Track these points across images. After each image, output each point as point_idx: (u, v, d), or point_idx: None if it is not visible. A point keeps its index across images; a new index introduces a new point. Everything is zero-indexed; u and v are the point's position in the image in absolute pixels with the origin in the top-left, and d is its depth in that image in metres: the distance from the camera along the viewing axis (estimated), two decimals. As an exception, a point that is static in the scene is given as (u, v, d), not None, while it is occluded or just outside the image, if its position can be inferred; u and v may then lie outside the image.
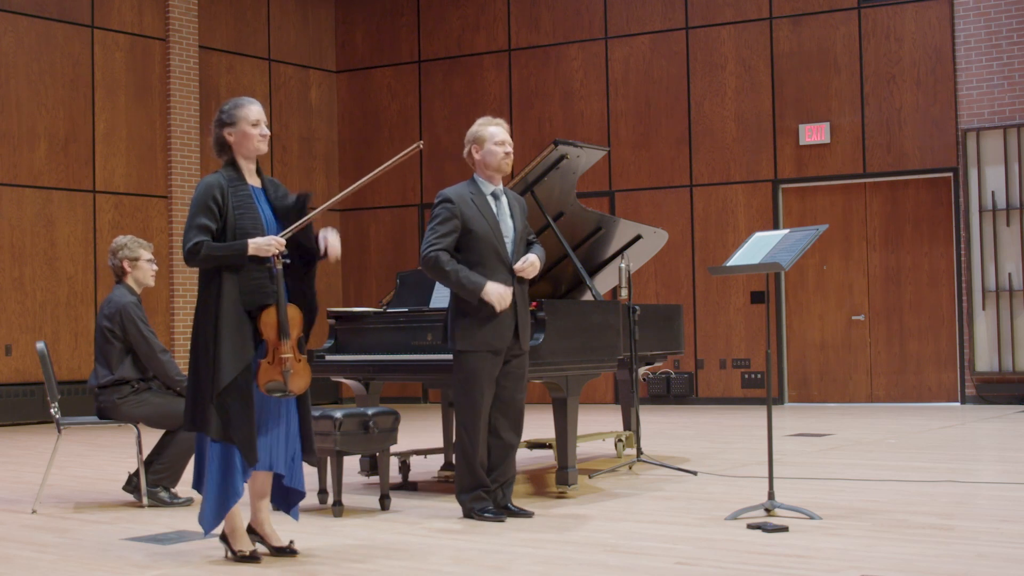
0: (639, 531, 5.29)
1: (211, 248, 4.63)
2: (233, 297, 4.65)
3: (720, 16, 14.01)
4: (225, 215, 4.68)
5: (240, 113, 4.80)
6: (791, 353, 13.66)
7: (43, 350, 6.52)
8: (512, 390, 5.72)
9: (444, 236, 5.58)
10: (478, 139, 5.77)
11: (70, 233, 13.18)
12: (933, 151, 13.02)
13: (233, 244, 4.65)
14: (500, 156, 5.76)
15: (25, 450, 9.88)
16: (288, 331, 4.69)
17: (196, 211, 4.68)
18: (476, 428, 5.61)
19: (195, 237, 4.63)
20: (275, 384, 4.66)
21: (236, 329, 4.63)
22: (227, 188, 4.73)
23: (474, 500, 5.64)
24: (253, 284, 4.69)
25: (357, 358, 6.75)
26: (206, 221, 4.66)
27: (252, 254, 4.65)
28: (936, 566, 4.37)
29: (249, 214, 4.72)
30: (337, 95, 16.21)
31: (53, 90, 13.13)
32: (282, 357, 4.67)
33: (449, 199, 5.67)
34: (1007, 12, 12.72)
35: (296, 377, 4.72)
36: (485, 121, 5.82)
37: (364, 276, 15.90)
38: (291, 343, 4.70)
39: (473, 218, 5.63)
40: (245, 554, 4.73)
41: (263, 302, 4.69)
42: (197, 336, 4.70)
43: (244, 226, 4.69)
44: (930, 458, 7.94)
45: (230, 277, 4.66)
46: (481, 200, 5.71)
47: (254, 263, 4.68)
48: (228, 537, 4.79)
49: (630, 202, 14.31)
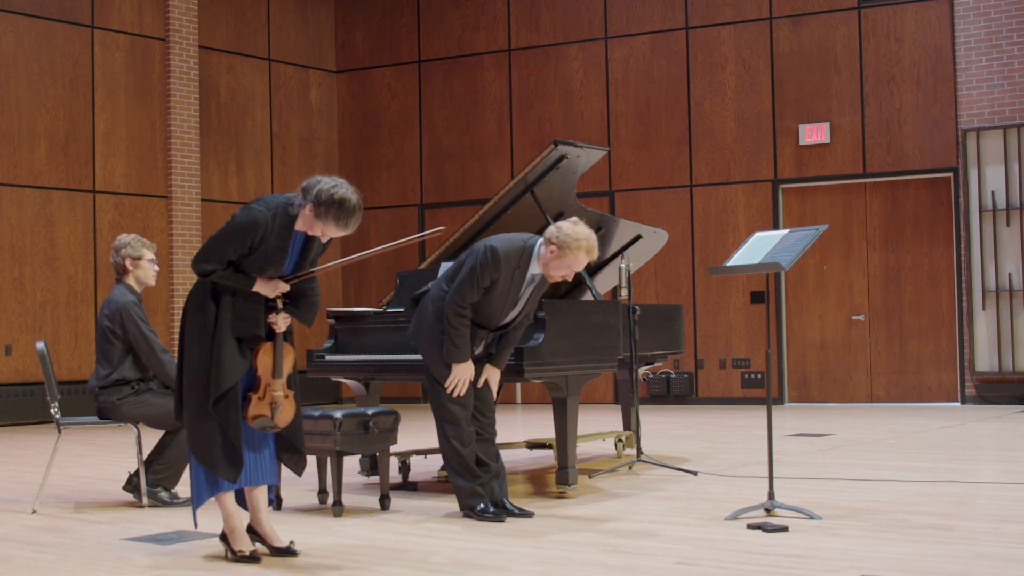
0: (639, 531, 5.29)
1: (222, 276, 4.67)
2: (227, 318, 4.70)
3: (720, 16, 14.01)
4: (253, 249, 4.67)
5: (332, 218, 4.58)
6: (791, 353, 13.66)
7: (43, 350, 6.52)
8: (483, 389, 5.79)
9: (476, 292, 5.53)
10: (565, 251, 5.44)
11: (70, 233, 13.18)
12: (933, 151, 13.02)
13: (242, 278, 4.69)
14: (561, 275, 5.56)
15: (25, 450, 9.88)
16: (282, 371, 4.80)
17: (229, 239, 4.63)
18: (463, 430, 5.63)
19: (213, 264, 4.65)
20: (263, 420, 4.77)
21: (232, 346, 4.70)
22: (271, 234, 4.64)
23: (471, 496, 5.64)
24: (246, 313, 4.74)
25: (357, 358, 6.75)
26: (231, 254, 4.65)
27: (256, 291, 4.72)
28: (936, 566, 4.37)
29: (275, 257, 4.69)
30: (337, 95, 16.21)
31: (53, 90, 13.13)
32: (273, 395, 4.77)
33: (499, 265, 5.53)
34: (1007, 12, 12.72)
35: (282, 413, 4.82)
36: (587, 243, 5.45)
37: (364, 276, 15.89)
38: (282, 381, 4.80)
39: (501, 288, 5.59)
40: (245, 554, 4.74)
41: (250, 333, 4.74)
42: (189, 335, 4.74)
43: (264, 266, 4.70)
44: (930, 458, 7.94)
45: (227, 300, 4.70)
46: (519, 277, 5.62)
47: (254, 296, 4.74)
48: (228, 537, 4.80)
49: (630, 202, 14.31)
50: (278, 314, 4.79)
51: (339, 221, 4.60)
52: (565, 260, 5.47)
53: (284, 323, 4.82)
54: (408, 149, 15.66)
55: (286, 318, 4.82)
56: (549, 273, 5.58)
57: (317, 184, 4.62)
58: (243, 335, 4.73)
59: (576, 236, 5.44)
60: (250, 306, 4.74)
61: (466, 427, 5.64)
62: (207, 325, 4.69)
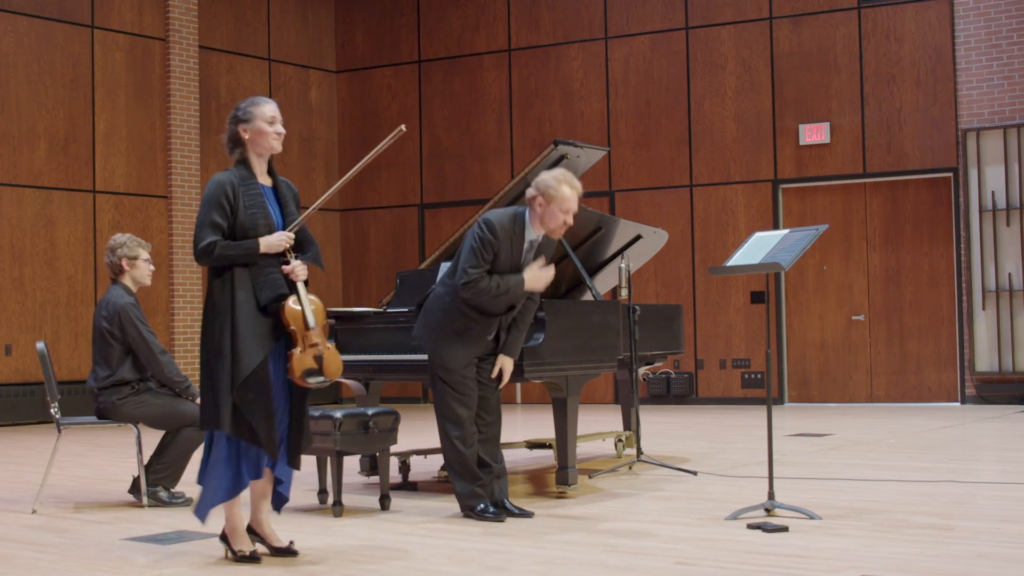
0: (639, 531, 5.29)
1: (224, 247, 4.65)
2: (247, 293, 4.67)
3: (720, 16, 14.01)
4: (236, 212, 4.69)
5: (257, 111, 4.81)
6: (791, 353, 13.66)
7: (43, 350, 6.52)
8: (488, 388, 5.77)
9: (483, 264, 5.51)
10: (548, 195, 5.51)
11: (70, 233, 13.18)
12: (933, 151, 13.02)
13: (245, 243, 4.67)
14: (559, 223, 5.56)
15: (25, 450, 9.88)
16: (314, 319, 4.70)
17: (208, 209, 4.69)
18: (466, 431, 5.62)
19: (208, 236, 4.65)
20: (311, 371, 4.66)
21: (253, 323, 4.65)
22: (239, 186, 4.73)
23: (471, 497, 5.64)
24: (267, 279, 4.70)
25: (357, 358, 6.75)
26: (218, 219, 4.67)
27: (264, 252, 4.69)
28: (936, 566, 4.37)
29: (261, 212, 4.74)
30: (337, 95, 16.21)
31: (53, 90, 13.13)
32: (314, 343, 4.67)
33: (496, 233, 5.54)
34: (1007, 12, 12.72)
35: (329, 363, 4.72)
36: (564, 178, 5.55)
37: (364, 276, 15.90)
38: (319, 331, 4.71)
39: (503, 260, 5.58)
40: (245, 554, 4.73)
41: (277, 294, 4.70)
42: (211, 333, 4.69)
43: (255, 224, 4.71)
44: (930, 458, 7.94)
45: (242, 274, 4.68)
46: (518, 244, 5.62)
47: (266, 258, 4.71)
48: (228, 537, 4.79)
49: (630, 202, 14.31)
50: (293, 265, 4.74)
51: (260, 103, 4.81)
52: (554, 204, 5.50)
53: (302, 271, 4.77)
54: (408, 149, 15.66)
55: (302, 266, 4.79)
56: (549, 228, 5.58)
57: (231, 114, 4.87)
58: (270, 299, 4.68)
59: (553, 177, 5.53)
60: (266, 270, 4.71)
61: (469, 428, 5.64)
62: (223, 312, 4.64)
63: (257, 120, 4.80)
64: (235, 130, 4.83)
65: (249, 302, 4.66)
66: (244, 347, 4.60)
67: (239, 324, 4.62)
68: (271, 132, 4.82)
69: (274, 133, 4.82)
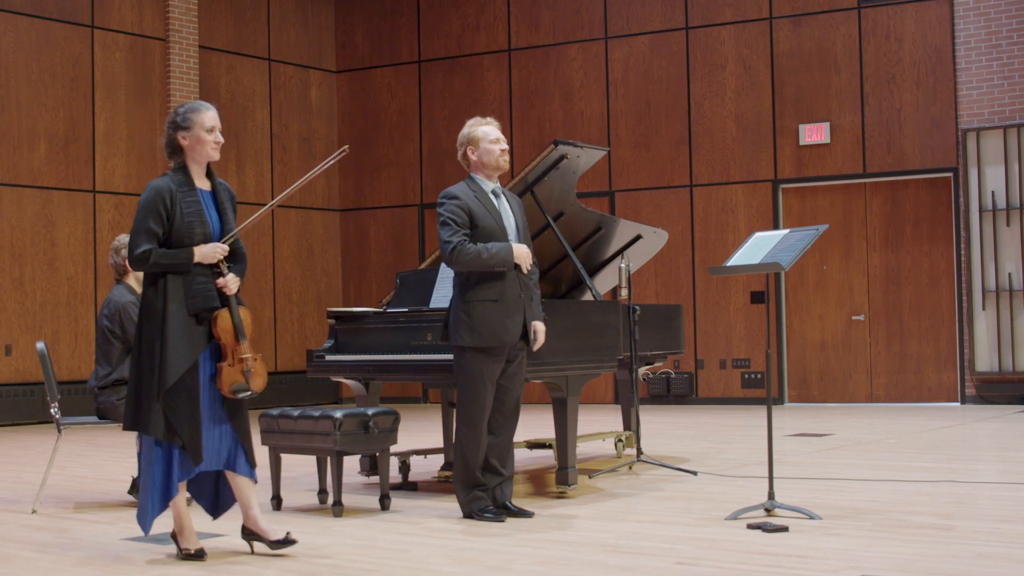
0: (639, 531, 5.29)
1: (159, 256, 4.70)
2: (179, 299, 4.72)
3: (720, 16, 14.01)
4: (172, 219, 4.74)
5: (196, 118, 4.83)
6: (791, 353, 13.66)
7: (43, 350, 6.52)
8: (511, 390, 5.74)
9: (459, 228, 5.60)
10: (472, 140, 5.83)
11: (70, 233, 13.18)
12: (933, 151, 13.02)
13: (179, 252, 4.72)
14: (497, 154, 5.80)
15: (25, 450, 9.88)
16: (244, 332, 4.79)
17: (144, 216, 4.73)
18: (478, 428, 5.62)
19: (143, 244, 4.70)
20: (238, 385, 4.76)
21: (183, 330, 4.71)
22: (176, 193, 4.76)
23: (472, 501, 5.65)
24: (198, 288, 4.75)
25: (357, 358, 6.75)
26: (154, 227, 4.72)
27: (198, 261, 4.73)
28: (936, 566, 4.37)
29: (197, 220, 4.77)
30: (337, 95, 16.21)
31: (53, 90, 13.13)
32: (242, 358, 4.76)
33: (455, 195, 5.72)
34: (1007, 12, 12.72)
35: (256, 376, 4.82)
36: (475, 121, 5.90)
37: (364, 276, 15.89)
38: (247, 344, 4.79)
39: (479, 214, 5.67)
40: (191, 552, 4.78)
41: (207, 305, 4.76)
42: (141, 336, 4.76)
43: (192, 232, 4.74)
44: (930, 458, 7.93)
45: (175, 280, 4.73)
46: (484, 197, 5.74)
47: (199, 267, 4.76)
48: (176, 535, 4.83)
49: (630, 202, 14.31)
50: (225, 277, 4.79)
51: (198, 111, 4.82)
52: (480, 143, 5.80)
53: (235, 284, 4.83)
54: (408, 149, 15.66)
55: (235, 279, 4.83)
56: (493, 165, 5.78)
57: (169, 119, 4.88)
58: (201, 309, 4.73)
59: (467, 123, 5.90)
60: (198, 280, 4.75)
61: (482, 431, 5.63)
62: (155, 317, 4.69)
63: (196, 128, 4.83)
64: (173, 136, 4.86)
65: (180, 310, 4.72)
66: (172, 354, 4.67)
67: (169, 331, 4.68)
68: (210, 141, 4.85)
69: (212, 142, 4.86)
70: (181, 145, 4.84)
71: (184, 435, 4.66)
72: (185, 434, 4.66)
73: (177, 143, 4.84)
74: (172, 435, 4.67)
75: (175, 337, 4.67)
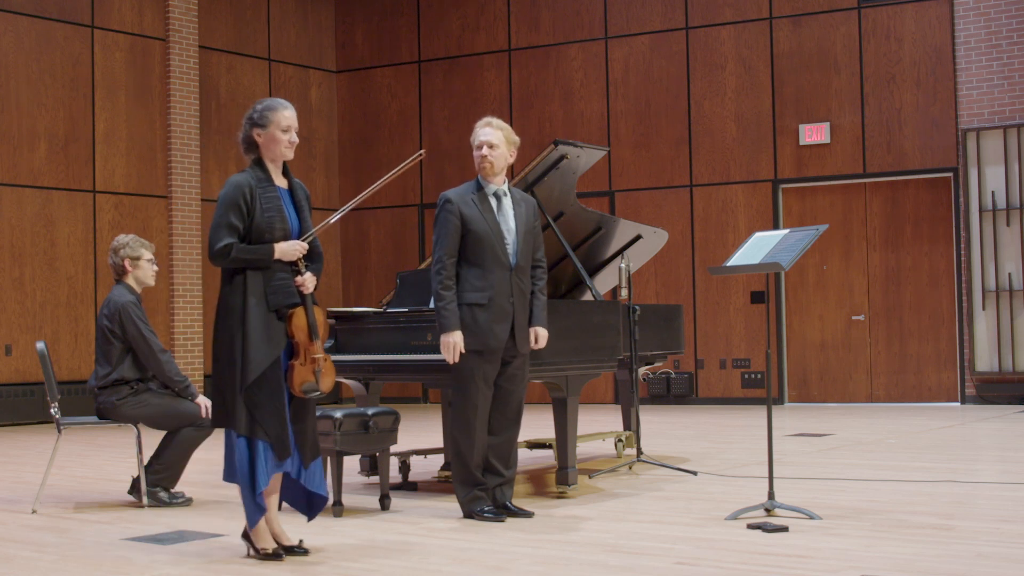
0: (639, 531, 5.29)
1: (240, 251, 4.69)
2: (259, 295, 4.71)
3: (720, 16, 14.01)
4: (252, 215, 4.72)
5: (272, 116, 4.80)
6: (791, 353, 13.66)
7: (43, 350, 6.52)
8: (511, 392, 5.75)
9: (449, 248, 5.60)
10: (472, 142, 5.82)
11: (70, 233, 13.18)
12: (933, 151, 13.02)
13: (261, 248, 4.71)
14: (477, 160, 5.78)
15: (25, 450, 9.88)
16: (318, 332, 4.80)
17: (225, 210, 4.72)
18: (472, 429, 5.62)
19: (225, 238, 4.68)
20: (309, 384, 4.76)
21: (264, 325, 4.69)
22: (256, 188, 4.75)
23: (472, 501, 5.65)
24: (278, 284, 4.75)
25: (357, 358, 6.75)
26: (235, 221, 4.70)
27: (278, 258, 4.73)
28: (936, 566, 4.37)
29: (278, 216, 4.76)
30: (337, 95, 16.21)
31: (53, 90, 13.13)
32: (314, 358, 4.77)
33: (449, 199, 5.72)
34: (1007, 12, 12.72)
35: (326, 376, 4.82)
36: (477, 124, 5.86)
37: (364, 276, 15.90)
38: (320, 344, 4.80)
39: (473, 218, 5.66)
40: (268, 552, 4.74)
41: (288, 302, 4.75)
42: (221, 333, 4.74)
43: (272, 227, 4.74)
44: (930, 458, 7.93)
45: (255, 276, 4.72)
46: (483, 200, 5.73)
47: (279, 264, 4.75)
48: (251, 535, 4.79)
49: (630, 202, 14.31)
50: (304, 275, 4.79)
51: (276, 108, 4.79)
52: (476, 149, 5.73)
53: (312, 283, 4.82)
54: (408, 149, 15.66)
55: (312, 278, 4.83)
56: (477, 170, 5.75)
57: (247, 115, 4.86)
58: (280, 305, 4.72)
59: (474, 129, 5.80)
60: (279, 276, 4.75)
61: (479, 430, 5.63)
62: (235, 314, 4.68)
63: (272, 127, 4.80)
64: (249, 132, 4.83)
65: (260, 305, 4.70)
66: (254, 350, 4.65)
67: (250, 327, 4.66)
68: (284, 140, 4.82)
69: (287, 141, 4.82)
70: (256, 141, 4.82)
71: (269, 430, 4.65)
72: (271, 428, 4.65)
73: (252, 139, 4.82)
74: (256, 430, 4.66)
75: (256, 333, 4.65)
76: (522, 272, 5.74)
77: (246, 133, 4.85)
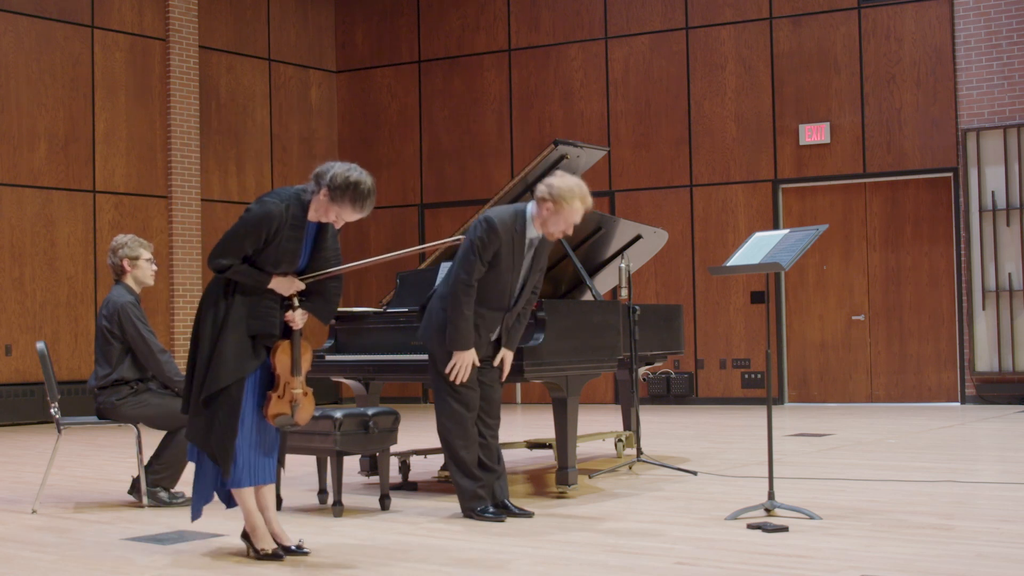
0: (639, 531, 5.29)
1: (237, 270, 4.69)
2: (241, 315, 4.71)
3: (720, 16, 14.01)
4: (268, 244, 4.70)
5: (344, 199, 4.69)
6: (791, 353, 13.66)
7: (43, 350, 6.52)
8: (491, 389, 5.78)
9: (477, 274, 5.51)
10: (559, 204, 5.45)
11: (70, 233, 13.18)
12: (933, 151, 13.02)
13: (259, 275, 4.71)
14: (560, 231, 5.55)
15: (25, 450, 9.88)
16: (300, 368, 4.81)
17: (244, 232, 4.67)
18: (467, 432, 5.63)
19: (229, 259, 4.67)
20: (284, 418, 4.78)
21: (236, 345, 4.69)
22: (284, 227, 4.69)
23: (472, 500, 5.65)
24: (262, 311, 4.75)
25: (357, 358, 6.75)
26: (247, 247, 4.68)
27: (271, 288, 4.74)
28: (936, 566, 4.37)
29: (288, 257, 4.73)
30: (337, 95, 16.21)
31: (53, 90, 13.13)
32: (293, 393, 4.78)
33: (496, 230, 5.53)
34: (1007, 12, 12.72)
35: (302, 411, 4.83)
36: (579, 192, 5.47)
37: (364, 276, 15.89)
38: (301, 379, 4.81)
39: (503, 256, 5.58)
40: (267, 552, 4.74)
41: (266, 331, 4.75)
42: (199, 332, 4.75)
43: (278, 262, 4.72)
44: (930, 458, 7.93)
45: (242, 297, 4.72)
46: (519, 242, 5.61)
47: (271, 293, 4.76)
48: (250, 535, 4.80)
49: (630, 202, 14.31)
50: (295, 311, 4.79)
51: (355, 203, 4.69)
52: (562, 214, 5.47)
53: (301, 320, 4.82)
54: (408, 149, 15.66)
55: (303, 315, 4.82)
56: (549, 231, 5.56)
57: (331, 169, 4.73)
58: (258, 332, 4.73)
59: (569, 187, 5.45)
60: (266, 303, 4.75)
61: (470, 428, 5.64)
62: (216, 322, 4.70)
63: (338, 207, 4.69)
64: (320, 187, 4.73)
65: (240, 326, 4.70)
66: (221, 363, 4.66)
67: (224, 341, 4.67)
68: (334, 218, 4.74)
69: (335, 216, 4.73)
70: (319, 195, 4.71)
71: (216, 444, 4.67)
72: (215, 443, 4.67)
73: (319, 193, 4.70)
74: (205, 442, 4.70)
75: (228, 349, 4.66)
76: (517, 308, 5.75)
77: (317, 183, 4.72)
